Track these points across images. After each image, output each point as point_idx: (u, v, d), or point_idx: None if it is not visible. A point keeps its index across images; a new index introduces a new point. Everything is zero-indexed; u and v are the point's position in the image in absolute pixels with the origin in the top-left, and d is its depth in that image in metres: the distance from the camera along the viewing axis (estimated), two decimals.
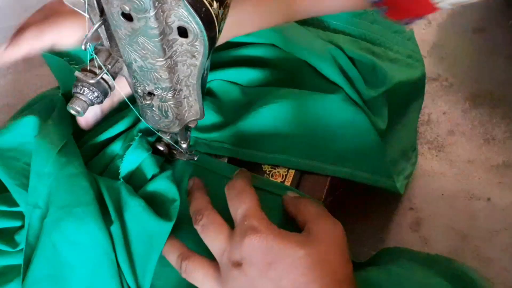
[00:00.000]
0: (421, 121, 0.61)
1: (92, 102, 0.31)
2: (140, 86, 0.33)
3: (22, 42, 0.39)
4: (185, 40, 0.29)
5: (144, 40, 0.29)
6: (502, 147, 0.58)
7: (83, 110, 0.31)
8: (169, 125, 0.37)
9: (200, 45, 0.30)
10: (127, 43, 0.30)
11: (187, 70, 0.32)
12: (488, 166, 0.57)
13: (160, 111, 0.36)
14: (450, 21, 0.70)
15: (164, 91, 0.33)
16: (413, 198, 0.55)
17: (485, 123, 0.60)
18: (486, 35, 0.68)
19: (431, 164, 0.58)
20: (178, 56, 0.31)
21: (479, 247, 0.51)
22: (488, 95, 0.62)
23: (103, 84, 0.31)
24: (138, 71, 0.32)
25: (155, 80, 0.32)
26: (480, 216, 0.53)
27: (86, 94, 0.31)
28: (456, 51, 0.67)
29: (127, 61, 0.32)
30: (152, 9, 0.27)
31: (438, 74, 0.65)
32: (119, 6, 0.27)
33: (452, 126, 0.60)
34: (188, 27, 0.28)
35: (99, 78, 0.31)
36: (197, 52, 0.30)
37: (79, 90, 0.31)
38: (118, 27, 0.29)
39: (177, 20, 0.28)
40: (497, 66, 0.65)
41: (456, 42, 0.68)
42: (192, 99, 0.35)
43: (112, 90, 0.32)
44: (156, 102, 0.35)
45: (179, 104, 0.35)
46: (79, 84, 0.31)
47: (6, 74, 0.72)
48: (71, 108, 0.32)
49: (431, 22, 0.70)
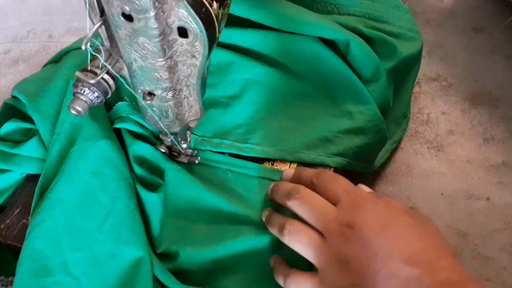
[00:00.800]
0: (420, 121, 0.61)
1: (93, 102, 0.32)
2: (141, 86, 0.34)
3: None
4: (185, 40, 0.30)
5: (144, 40, 0.29)
6: (501, 146, 0.58)
7: (83, 110, 0.32)
8: (169, 125, 0.37)
9: (200, 45, 0.30)
10: (127, 43, 0.30)
11: (187, 70, 0.32)
12: (488, 165, 0.57)
13: (160, 111, 0.36)
14: (450, 21, 0.70)
15: (164, 91, 0.33)
16: (413, 198, 0.55)
17: (485, 123, 0.60)
18: (486, 35, 0.68)
19: (430, 163, 0.58)
20: (178, 56, 0.31)
21: (479, 246, 0.51)
22: (487, 95, 0.62)
23: (103, 84, 0.31)
24: (138, 71, 0.32)
25: (155, 80, 0.32)
26: (479, 216, 0.53)
27: (87, 94, 0.31)
28: (455, 51, 0.67)
29: (127, 61, 0.32)
30: (152, 9, 0.27)
31: (437, 74, 0.65)
32: (120, 6, 0.27)
33: (451, 126, 0.60)
34: (188, 27, 0.28)
35: (99, 78, 0.31)
36: (197, 52, 0.30)
37: (79, 90, 0.31)
38: (118, 27, 0.29)
39: (177, 20, 0.28)
40: (496, 66, 0.65)
41: (455, 42, 0.68)
42: (192, 99, 0.35)
43: (113, 90, 0.32)
44: (156, 102, 0.35)
45: (179, 104, 0.35)
46: (80, 84, 0.31)
47: (6, 74, 0.72)
48: (72, 108, 0.32)
49: (431, 22, 0.70)
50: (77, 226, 0.40)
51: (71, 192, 0.41)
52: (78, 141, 0.43)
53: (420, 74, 0.62)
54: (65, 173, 0.42)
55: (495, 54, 0.66)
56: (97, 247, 0.39)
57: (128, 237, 0.39)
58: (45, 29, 0.76)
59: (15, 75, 0.72)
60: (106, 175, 0.41)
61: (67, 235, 0.40)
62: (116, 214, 0.40)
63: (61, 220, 0.40)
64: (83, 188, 0.41)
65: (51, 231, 0.40)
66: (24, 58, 0.74)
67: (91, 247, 0.39)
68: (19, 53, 0.74)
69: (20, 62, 0.73)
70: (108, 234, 0.40)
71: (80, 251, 0.39)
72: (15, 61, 0.73)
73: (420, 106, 0.62)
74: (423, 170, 0.57)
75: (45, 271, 0.39)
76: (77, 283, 0.38)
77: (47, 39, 0.75)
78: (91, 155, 0.42)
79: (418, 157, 0.58)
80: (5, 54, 0.74)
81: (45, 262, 0.39)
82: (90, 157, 0.42)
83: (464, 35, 0.68)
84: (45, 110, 0.45)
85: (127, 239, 0.39)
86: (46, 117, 0.45)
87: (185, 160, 0.44)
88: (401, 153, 0.59)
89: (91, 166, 0.42)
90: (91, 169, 0.42)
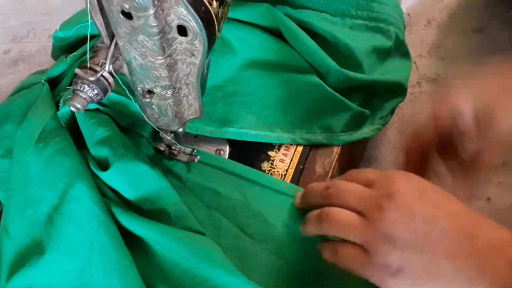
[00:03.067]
0: None
1: (92, 99, 0.32)
2: (140, 84, 0.33)
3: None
4: (184, 38, 0.30)
5: (143, 38, 0.29)
6: None
7: (82, 107, 0.32)
8: (168, 123, 0.37)
9: (199, 44, 0.30)
10: (127, 41, 0.30)
11: (187, 69, 0.32)
12: None
13: (159, 109, 0.36)
14: (450, 21, 0.70)
15: (164, 89, 0.33)
16: None
17: None
18: (486, 35, 0.68)
19: None
20: (177, 55, 0.31)
21: None
22: None
23: (103, 82, 0.31)
24: (137, 69, 0.32)
25: (155, 78, 0.32)
26: None
27: (86, 92, 0.31)
28: (456, 51, 0.67)
29: (127, 59, 0.32)
30: (152, 7, 0.27)
31: (438, 74, 0.65)
32: (119, 4, 0.27)
33: None
34: (188, 26, 0.28)
35: (99, 76, 0.31)
36: (197, 51, 0.30)
37: (79, 87, 0.31)
38: (118, 25, 0.29)
39: (176, 18, 0.28)
40: None
41: (456, 42, 0.68)
42: (191, 97, 0.35)
43: (112, 88, 0.32)
44: (155, 100, 0.35)
45: (179, 102, 0.35)
46: (79, 81, 0.31)
47: (6, 74, 0.72)
48: (71, 105, 0.32)
49: (431, 22, 0.70)
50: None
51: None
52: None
53: (420, 74, 0.62)
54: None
55: (495, 54, 0.66)
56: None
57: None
58: (45, 29, 0.76)
59: (15, 75, 0.72)
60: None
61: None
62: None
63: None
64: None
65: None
66: (24, 58, 0.74)
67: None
68: (19, 53, 0.74)
69: (20, 62, 0.73)
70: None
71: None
72: (15, 61, 0.73)
73: (420, 106, 0.62)
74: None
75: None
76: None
77: (47, 39, 0.75)
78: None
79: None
80: (5, 54, 0.74)
81: None
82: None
83: (464, 35, 0.68)
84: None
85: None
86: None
87: (185, 158, 0.44)
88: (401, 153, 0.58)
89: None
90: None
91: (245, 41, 0.49)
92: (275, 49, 0.50)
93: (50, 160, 0.41)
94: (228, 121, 0.47)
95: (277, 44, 0.50)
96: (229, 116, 0.47)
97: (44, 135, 0.43)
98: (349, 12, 0.53)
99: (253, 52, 0.49)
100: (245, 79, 0.49)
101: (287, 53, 0.50)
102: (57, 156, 0.41)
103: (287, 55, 0.50)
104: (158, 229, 0.38)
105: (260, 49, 0.49)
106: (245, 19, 0.49)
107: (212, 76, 0.38)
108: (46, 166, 0.41)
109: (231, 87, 0.49)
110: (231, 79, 0.49)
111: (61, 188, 0.40)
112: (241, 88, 0.49)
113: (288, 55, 0.50)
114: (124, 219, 0.39)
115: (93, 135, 0.43)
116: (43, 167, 0.41)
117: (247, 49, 0.49)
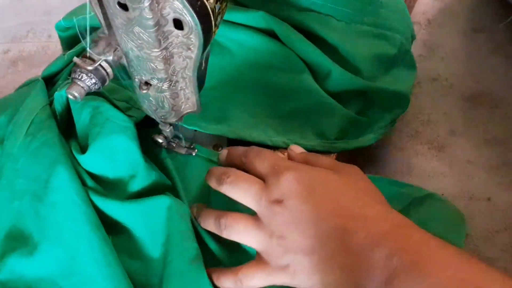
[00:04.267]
0: (421, 121, 0.60)
1: (90, 88, 0.32)
2: (137, 75, 0.34)
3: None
4: (180, 32, 0.29)
5: (139, 30, 0.29)
6: (502, 147, 0.58)
7: (80, 96, 0.32)
8: (165, 116, 0.37)
9: (195, 38, 0.30)
10: (124, 32, 0.30)
11: (183, 62, 0.32)
12: (488, 166, 0.56)
13: (156, 101, 0.36)
14: (450, 21, 0.70)
15: (160, 81, 0.33)
16: None
17: (485, 123, 0.60)
18: (486, 35, 0.68)
19: (431, 164, 0.57)
20: (173, 48, 0.31)
21: (479, 247, 0.51)
22: (488, 95, 0.62)
23: (101, 71, 0.32)
24: (134, 60, 0.32)
25: (151, 70, 0.32)
26: (480, 216, 0.53)
27: (84, 80, 0.32)
28: (456, 51, 0.67)
29: (124, 50, 0.32)
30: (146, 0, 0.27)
31: (438, 74, 0.64)
32: None
33: (452, 126, 0.60)
34: (183, 19, 0.28)
35: (97, 65, 0.31)
36: (193, 45, 0.30)
37: (77, 76, 0.32)
38: (114, 16, 0.29)
39: (172, 12, 0.28)
40: (497, 66, 0.64)
41: (456, 42, 0.67)
42: (188, 91, 0.35)
43: (111, 78, 0.33)
44: (152, 92, 0.35)
45: (176, 95, 0.35)
46: (78, 70, 0.31)
47: (6, 74, 0.72)
48: (69, 93, 0.32)
49: (431, 22, 0.70)
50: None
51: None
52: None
53: (420, 74, 0.62)
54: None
55: (495, 54, 0.66)
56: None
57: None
58: (45, 29, 0.76)
59: (14, 75, 0.72)
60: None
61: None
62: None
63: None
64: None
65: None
66: (24, 58, 0.74)
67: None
68: (18, 53, 0.74)
69: (20, 62, 0.73)
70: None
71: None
72: (14, 61, 0.73)
73: (421, 106, 0.62)
74: (423, 171, 0.57)
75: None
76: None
77: (46, 39, 0.75)
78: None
79: (418, 157, 0.58)
80: (4, 54, 0.74)
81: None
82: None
83: (464, 35, 0.68)
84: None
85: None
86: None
87: (183, 151, 0.44)
88: (401, 154, 0.58)
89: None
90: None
91: (240, 42, 0.49)
92: (270, 49, 0.50)
93: (36, 152, 0.41)
94: (223, 118, 0.47)
95: (273, 44, 0.50)
96: (223, 114, 0.47)
97: (33, 128, 0.43)
98: (355, 18, 0.53)
99: (248, 53, 0.49)
100: (239, 79, 0.49)
101: (282, 53, 0.50)
102: (43, 149, 0.41)
103: (283, 55, 0.50)
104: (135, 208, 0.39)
105: (255, 50, 0.49)
106: (240, 21, 0.49)
107: (207, 77, 0.39)
108: (32, 158, 0.41)
109: (226, 88, 0.49)
110: (226, 79, 0.49)
111: (44, 179, 0.40)
112: (236, 88, 0.49)
113: (283, 55, 0.50)
114: (103, 204, 0.39)
115: (79, 120, 0.43)
116: (29, 159, 0.41)
117: (242, 49, 0.49)
